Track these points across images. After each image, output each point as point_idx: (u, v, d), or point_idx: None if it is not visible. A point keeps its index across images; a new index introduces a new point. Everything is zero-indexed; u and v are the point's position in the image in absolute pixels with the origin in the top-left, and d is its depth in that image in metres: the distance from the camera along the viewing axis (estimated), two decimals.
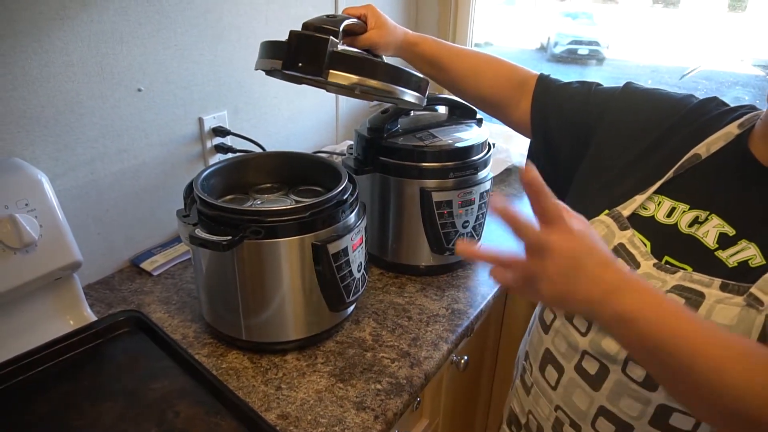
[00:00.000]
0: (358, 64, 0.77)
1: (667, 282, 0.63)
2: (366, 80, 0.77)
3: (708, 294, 0.60)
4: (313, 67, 0.76)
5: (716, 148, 0.68)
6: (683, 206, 0.68)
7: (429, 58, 0.94)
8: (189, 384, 0.83)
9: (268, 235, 0.81)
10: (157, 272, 1.12)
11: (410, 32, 0.94)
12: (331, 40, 0.75)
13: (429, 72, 0.96)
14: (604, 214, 0.71)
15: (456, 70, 0.93)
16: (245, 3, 1.19)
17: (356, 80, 0.77)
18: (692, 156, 0.69)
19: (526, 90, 0.89)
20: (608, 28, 2.38)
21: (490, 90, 0.92)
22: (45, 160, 0.94)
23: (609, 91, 0.82)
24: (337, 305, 0.91)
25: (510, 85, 0.91)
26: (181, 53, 1.10)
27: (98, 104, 0.99)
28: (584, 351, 0.70)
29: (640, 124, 0.76)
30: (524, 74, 0.91)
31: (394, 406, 0.82)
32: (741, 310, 0.57)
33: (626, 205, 0.70)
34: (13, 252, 0.82)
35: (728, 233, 0.63)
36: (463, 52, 0.95)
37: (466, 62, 0.93)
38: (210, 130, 1.20)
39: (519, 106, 0.90)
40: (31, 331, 0.89)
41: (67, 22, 0.91)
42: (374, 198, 1.12)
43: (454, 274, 1.16)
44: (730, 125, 0.69)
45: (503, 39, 2.34)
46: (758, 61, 1.90)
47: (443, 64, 0.93)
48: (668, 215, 0.68)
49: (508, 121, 0.94)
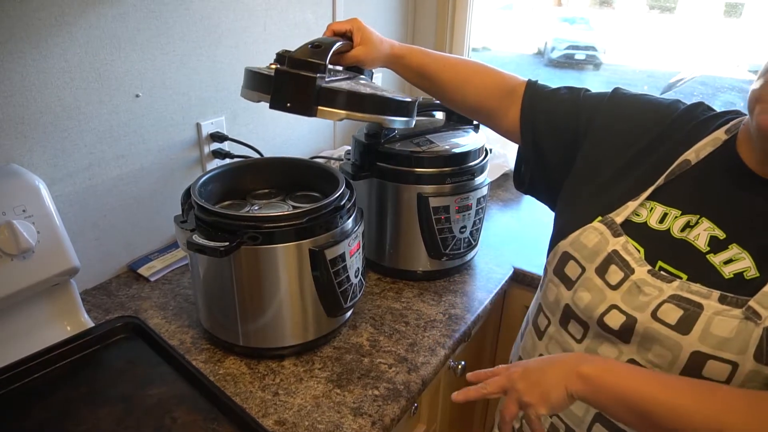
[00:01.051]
0: (345, 99, 0.78)
1: (664, 291, 0.63)
2: (354, 114, 0.79)
3: (707, 305, 0.60)
4: (301, 106, 0.77)
5: (705, 153, 0.69)
6: (675, 212, 0.68)
7: (417, 70, 0.94)
8: (186, 390, 0.83)
9: (265, 241, 0.81)
10: (154, 278, 1.12)
11: (397, 44, 0.94)
12: (318, 77, 0.76)
13: (417, 82, 0.96)
14: (597, 221, 0.71)
15: (444, 80, 0.93)
16: (243, 9, 1.20)
17: (344, 114, 0.78)
18: (682, 162, 0.70)
19: (515, 98, 0.89)
20: (605, 33, 2.39)
21: (479, 99, 0.92)
22: (43, 166, 0.95)
23: (598, 97, 0.83)
24: (335, 311, 0.91)
25: (499, 94, 0.91)
26: (179, 59, 1.10)
27: (96, 110, 0.99)
28: None
29: (630, 131, 0.76)
30: (513, 82, 0.91)
31: (392, 411, 0.82)
32: (739, 323, 0.58)
33: (619, 212, 0.70)
34: (10, 258, 0.82)
35: (719, 236, 0.64)
36: (451, 61, 0.95)
37: (454, 72, 0.93)
38: (208, 136, 1.20)
39: (508, 114, 0.90)
40: (28, 337, 0.89)
41: (65, 28, 0.91)
42: (372, 203, 1.12)
43: (452, 279, 1.16)
44: (718, 131, 0.69)
45: (501, 44, 2.35)
46: (753, 66, 1.91)
47: (431, 75, 0.93)
48: (660, 221, 0.68)
49: (498, 128, 0.94)
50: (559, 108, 0.84)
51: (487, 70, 0.93)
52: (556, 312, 0.74)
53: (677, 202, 0.69)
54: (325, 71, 0.77)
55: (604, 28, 2.42)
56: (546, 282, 0.79)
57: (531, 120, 0.86)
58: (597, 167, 0.77)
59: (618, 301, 0.66)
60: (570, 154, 0.81)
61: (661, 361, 0.62)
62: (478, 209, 1.11)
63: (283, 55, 0.81)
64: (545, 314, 0.78)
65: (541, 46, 2.60)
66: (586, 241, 0.70)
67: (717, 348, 0.58)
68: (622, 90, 0.82)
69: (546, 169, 0.86)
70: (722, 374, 0.59)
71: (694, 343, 0.59)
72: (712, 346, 0.59)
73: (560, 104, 0.85)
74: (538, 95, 0.87)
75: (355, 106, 0.79)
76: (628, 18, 2.19)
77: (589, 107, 0.81)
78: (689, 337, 0.60)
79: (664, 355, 0.62)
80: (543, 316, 0.78)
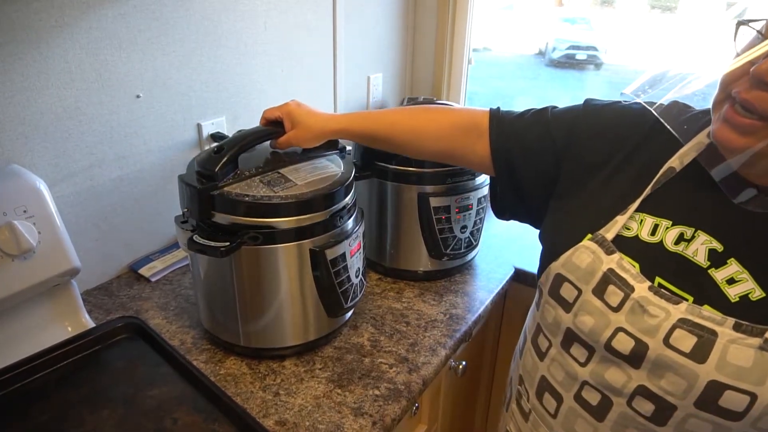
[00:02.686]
0: (230, 205, 0.82)
1: (671, 313, 0.60)
2: (242, 219, 0.82)
3: (721, 333, 0.58)
4: (200, 215, 0.83)
5: (689, 159, 0.67)
6: (666, 222, 0.66)
7: (364, 138, 0.92)
8: (187, 390, 0.83)
9: (266, 241, 0.81)
10: (155, 278, 1.12)
11: (335, 120, 0.92)
12: (203, 188, 0.81)
13: (373, 146, 0.95)
14: (588, 239, 0.68)
15: (397, 140, 0.90)
16: (244, 9, 1.20)
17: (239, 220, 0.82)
18: (667, 170, 0.67)
19: (480, 131, 0.85)
20: (606, 33, 2.39)
21: (440, 145, 0.89)
22: (44, 166, 0.95)
23: (570, 112, 0.79)
24: (335, 311, 0.91)
25: (459, 134, 0.87)
26: (180, 59, 1.10)
27: (97, 111, 0.99)
28: (584, 381, 0.68)
29: (609, 142, 0.73)
30: (471, 117, 0.86)
31: (393, 411, 0.82)
32: (755, 353, 0.56)
33: (608, 227, 0.68)
34: (11, 259, 0.82)
35: (717, 249, 0.62)
36: (398, 117, 0.91)
37: (404, 128, 0.90)
38: (208, 136, 1.20)
39: (476, 150, 0.86)
40: (29, 337, 0.89)
41: (66, 29, 0.91)
42: (372, 203, 1.12)
43: (452, 279, 1.16)
44: (700, 134, 0.67)
45: (501, 44, 2.35)
46: None
47: (382, 139, 0.91)
48: (652, 233, 0.66)
49: (469, 164, 0.92)
50: (529, 133, 0.81)
51: (439, 115, 0.90)
52: (557, 334, 0.72)
53: (667, 212, 0.66)
54: (217, 178, 0.81)
55: (605, 28, 2.42)
56: (542, 302, 0.76)
57: (503, 150, 0.83)
58: (581, 183, 0.74)
59: (623, 324, 0.63)
60: (550, 175, 0.78)
61: (675, 389, 0.60)
62: (478, 209, 1.11)
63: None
64: (545, 335, 0.75)
65: (542, 47, 2.60)
66: (579, 261, 0.68)
67: (735, 377, 0.56)
68: (593, 101, 0.79)
69: (526, 196, 0.83)
70: (740, 405, 0.56)
71: (711, 372, 0.57)
72: (730, 376, 0.56)
73: (530, 129, 0.81)
74: (505, 124, 0.84)
75: (242, 212, 0.81)
76: (629, 18, 2.19)
77: (562, 125, 0.78)
78: (706, 365, 0.57)
79: (678, 383, 0.59)
80: (543, 337, 0.75)
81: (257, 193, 0.82)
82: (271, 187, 0.83)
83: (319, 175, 0.88)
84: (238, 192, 0.81)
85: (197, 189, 0.81)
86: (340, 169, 0.91)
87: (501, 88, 2.68)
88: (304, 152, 0.95)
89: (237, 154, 0.85)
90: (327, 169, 0.90)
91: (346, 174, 0.90)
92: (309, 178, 0.87)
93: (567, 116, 0.79)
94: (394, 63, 1.73)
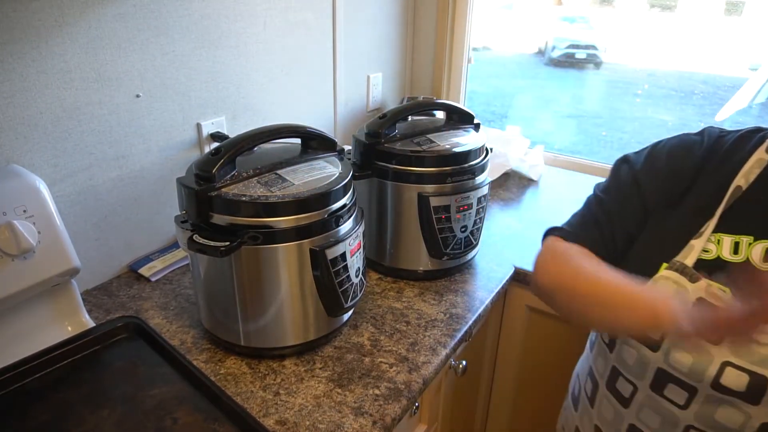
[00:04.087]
0: (226, 205, 0.82)
1: None
2: (240, 219, 0.82)
3: None
4: (198, 217, 0.82)
5: (754, 176, 0.67)
6: (747, 239, 0.64)
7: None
8: (187, 390, 0.83)
9: (266, 240, 0.81)
10: (155, 278, 1.12)
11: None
12: (201, 190, 0.81)
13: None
14: (665, 269, 0.66)
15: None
16: (243, 8, 1.20)
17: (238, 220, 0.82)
18: (735, 189, 0.67)
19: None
20: (605, 32, 2.40)
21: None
22: (43, 166, 0.95)
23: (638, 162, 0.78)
24: (336, 310, 0.91)
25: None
26: (179, 59, 1.10)
27: (96, 110, 0.99)
28: (689, 426, 0.64)
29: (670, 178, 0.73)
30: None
31: (393, 411, 0.82)
32: None
33: (685, 253, 0.66)
34: (11, 258, 0.82)
35: None
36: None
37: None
38: (208, 136, 1.20)
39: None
40: (29, 337, 0.89)
41: (65, 28, 0.91)
42: (372, 203, 1.12)
43: (453, 278, 1.16)
44: (758, 151, 0.67)
45: (501, 44, 2.35)
46: (754, 64, 1.91)
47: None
48: (734, 251, 0.64)
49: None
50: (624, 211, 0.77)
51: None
52: (644, 377, 0.68)
53: (745, 229, 0.65)
54: (214, 179, 0.81)
55: (604, 26, 2.42)
56: (617, 344, 0.72)
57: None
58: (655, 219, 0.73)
59: (729, 357, 0.59)
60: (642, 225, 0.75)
61: None
62: (478, 208, 1.11)
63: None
64: (627, 379, 0.71)
65: (542, 46, 2.60)
66: None
67: None
68: (657, 147, 0.78)
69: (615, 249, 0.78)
70: None
71: None
72: None
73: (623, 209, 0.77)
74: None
75: (239, 212, 0.81)
76: (629, 17, 2.19)
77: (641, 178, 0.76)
78: None
79: None
80: (624, 381, 0.71)
81: (254, 193, 0.82)
82: (268, 187, 0.83)
83: (316, 175, 0.88)
84: (235, 192, 0.81)
85: (194, 190, 0.81)
86: (338, 170, 0.91)
87: (500, 87, 2.68)
88: (301, 154, 0.95)
89: (234, 156, 0.85)
90: (325, 170, 0.90)
91: (343, 174, 0.90)
92: (306, 178, 0.87)
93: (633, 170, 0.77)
94: (394, 62, 1.73)
